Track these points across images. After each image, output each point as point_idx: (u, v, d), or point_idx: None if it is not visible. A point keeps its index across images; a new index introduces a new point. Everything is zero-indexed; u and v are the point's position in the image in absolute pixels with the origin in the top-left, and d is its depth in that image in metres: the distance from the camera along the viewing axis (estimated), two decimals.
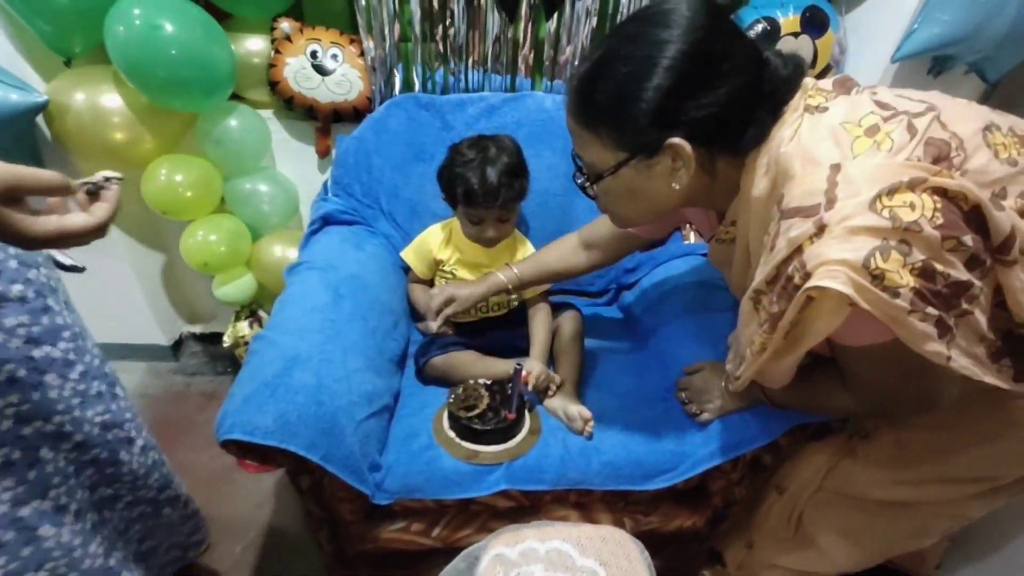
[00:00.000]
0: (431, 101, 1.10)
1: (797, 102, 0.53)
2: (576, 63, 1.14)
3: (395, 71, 1.15)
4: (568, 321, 1.01)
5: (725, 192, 0.59)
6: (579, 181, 0.64)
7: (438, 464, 0.78)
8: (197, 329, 1.60)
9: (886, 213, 0.43)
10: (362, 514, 0.80)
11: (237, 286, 1.26)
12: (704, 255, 1.12)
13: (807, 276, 0.46)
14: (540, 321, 0.98)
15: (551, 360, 0.99)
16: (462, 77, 1.17)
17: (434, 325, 0.87)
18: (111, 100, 1.03)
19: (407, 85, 1.17)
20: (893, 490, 0.74)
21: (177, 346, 1.56)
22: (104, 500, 0.71)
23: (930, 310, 0.44)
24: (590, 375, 0.99)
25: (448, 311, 0.87)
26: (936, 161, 0.47)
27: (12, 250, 0.58)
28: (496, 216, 0.94)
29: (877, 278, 0.44)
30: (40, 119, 1.06)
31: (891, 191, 0.44)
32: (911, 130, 0.48)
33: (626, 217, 0.66)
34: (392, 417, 0.87)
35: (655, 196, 0.59)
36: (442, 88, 1.17)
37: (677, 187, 0.56)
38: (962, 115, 0.50)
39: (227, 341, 1.30)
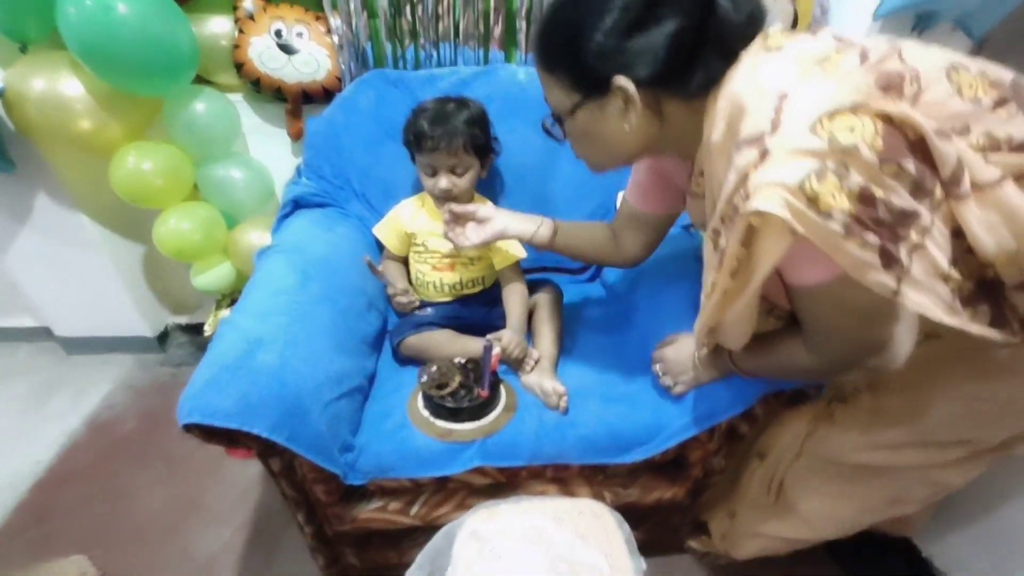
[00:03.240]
0: (400, 77, 1.07)
1: (757, 46, 0.52)
2: None
3: (364, 48, 1.12)
4: (546, 297, 1.00)
5: (687, 138, 0.59)
6: (546, 124, 0.65)
7: (411, 443, 0.78)
8: (182, 320, 1.60)
9: (824, 135, 0.42)
10: (337, 495, 0.80)
11: (215, 275, 1.25)
12: (686, 227, 1.11)
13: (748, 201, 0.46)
14: (514, 293, 0.97)
15: (529, 336, 0.98)
16: (433, 52, 1.14)
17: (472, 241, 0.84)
18: (71, 87, 1.00)
19: (378, 62, 1.14)
20: (870, 454, 0.73)
21: (163, 338, 1.56)
22: None
23: (870, 237, 0.43)
24: (570, 352, 0.98)
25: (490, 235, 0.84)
26: (885, 89, 0.45)
27: None
28: (449, 165, 0.92)
29: (812, 201, 0.42)
30: (0, 109, 1.04)
31: (832, 114, 0.43)
32: (863, 57, 0.47)
33: (593, 161, 0.67)
34: (367, 398, 0.87)
35: (611, 138, 0.60)
36: (413, 64, 1.14)
37: (627, 128, 0.57)
38: (927, 54, 0.49)
39: (208, 331, 1.29)
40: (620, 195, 1.14)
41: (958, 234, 0.47)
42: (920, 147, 0.43)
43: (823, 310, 0.54)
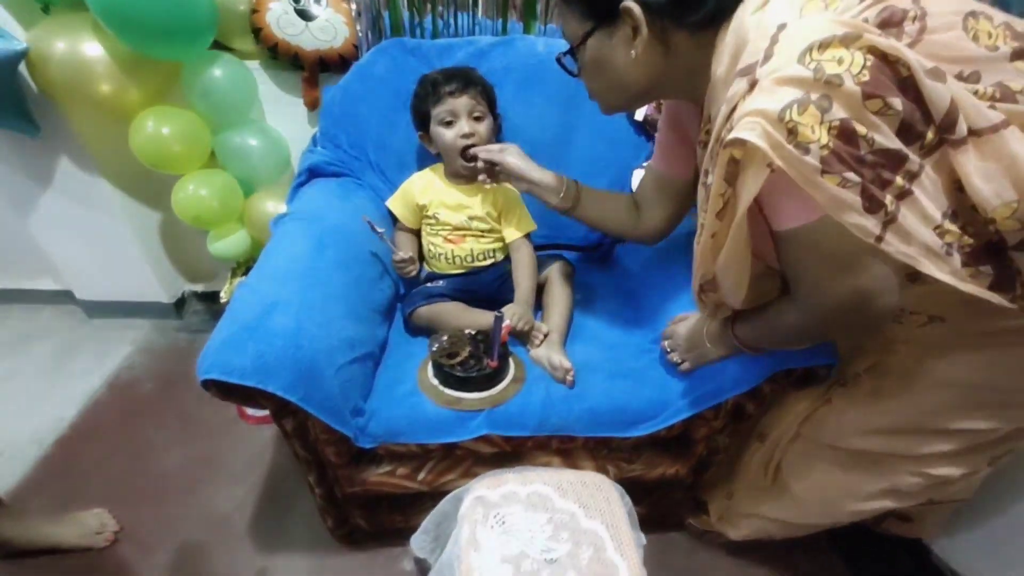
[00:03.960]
0: (418, 46, 1.06)
1: None
2: None
3: (382, 16, 1.10)
4: (557, 272, 1.00)
5: (694, 77, 0.58)
6: (558, 56, 0.66)
7: (421, 409, 0.79)
8: (199, 288, 1.63)
9: (812, 65, 0.41)
10: (348, 457, 0.82)
11: (231, 242, 1.26)
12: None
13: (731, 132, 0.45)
14: (523, 266, 0.97)
15: (540, 310, 0.99)
16: (452, 21, 1.12)
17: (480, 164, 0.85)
18: (92, 49, 1.01)
19: (395, 30, 1.12)
20: (865, 439, 0.72)
21: (180, 304, 1.60)
22: None
23: (850, 176, 0.42)
24: (579, 327, 0.98)
25: (495, 156, 0.84)
26: (884, 25, 0.44)
27: None
28: (468, 108, 0.92)
29: (792, 132, 0.42)
30: (24, 70, 1.05)
31: (823, 45, 0.42)
32: None
33: (603, 95, 0.67)
34: (378, 365, 0.88)
35: (619, 68, 0.60)
36: (431, 33, 1.12)
37: (634, 55, 0.57)
38: (947, 1, 0.46)
39: (224, 298, 1.31)
40: (635, 173, 1.13)
41: (961, 188, 0.46)
42: (913, 86, 0.42)
43: (804, 257, 0.53)
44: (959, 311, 0.57)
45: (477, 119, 0.94)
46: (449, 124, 0.93)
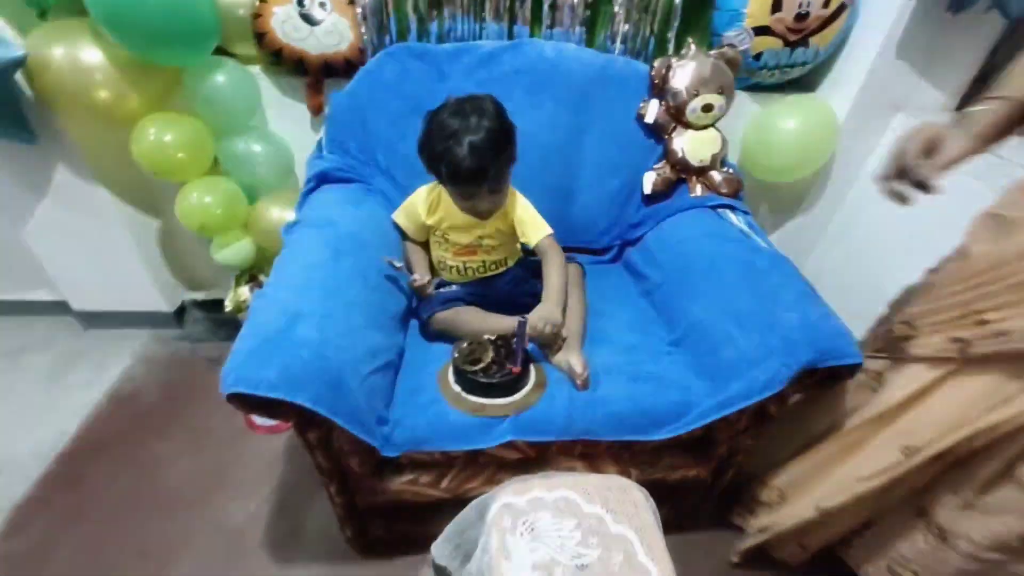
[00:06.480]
0: (425, 50, 1.05)
1: None
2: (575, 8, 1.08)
3: (387, 19, 1.09)
4: (571, 275, 1.00)
5: None
6: None
7: (445, 417, 0.79)
8: (199, 296, 1.59)
9: None
10: (371, 467, 0.81)
11: (236, 250, 1.24)
12: (713, 207, 1.09)
13: None
14: (554, 264, 0.93)
15: None
16: (458, 26, 1.12)
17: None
18: (91, 55, 0.98)
19: (400, 35, 1.11)
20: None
21: (180, 313, 1.56)
22: None
23: None
24: (595, 331, 0.98)
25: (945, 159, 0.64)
26: None
27: None
28: (487, 189, 0.87)
29: None
30: (20, 77, 1.02)
31: None
32: None
33: None
34: (397, 373, 0.87)
35: None
36: (437, 37, 1.12)
37: None
38: None
39: (228, 306, 1.29)
40: (647, 176, 1.13)
41: None
42: None
43: None
44: None
45: (495, 192, 0.89)
46: (467, 198, 0.89)
